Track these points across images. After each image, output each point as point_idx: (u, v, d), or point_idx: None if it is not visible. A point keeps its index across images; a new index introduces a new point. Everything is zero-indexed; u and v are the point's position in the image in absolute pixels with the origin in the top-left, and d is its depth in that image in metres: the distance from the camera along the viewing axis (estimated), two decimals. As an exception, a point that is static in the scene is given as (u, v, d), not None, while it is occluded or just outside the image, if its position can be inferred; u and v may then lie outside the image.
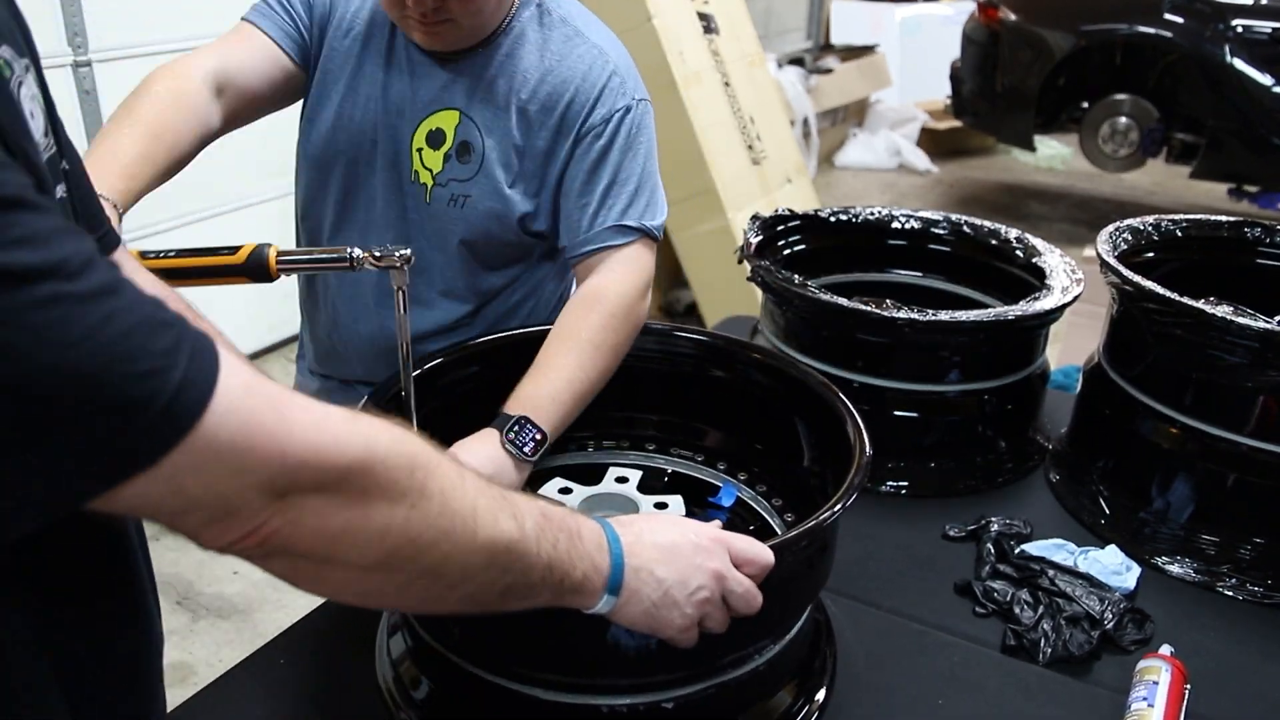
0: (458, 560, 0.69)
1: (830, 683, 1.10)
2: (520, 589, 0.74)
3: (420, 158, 1.32)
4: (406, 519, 0.64)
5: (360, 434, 0.62)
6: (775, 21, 6.77)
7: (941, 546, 1.40)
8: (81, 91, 2.71)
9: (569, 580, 0.76)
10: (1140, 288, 1.38)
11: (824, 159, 6.46)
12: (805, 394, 1.20)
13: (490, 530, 0.69)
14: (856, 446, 1.05)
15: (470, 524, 0.68)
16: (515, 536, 0.71)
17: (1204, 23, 4.70)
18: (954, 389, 1.53)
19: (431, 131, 1.32)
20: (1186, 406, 1.38)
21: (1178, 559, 1.37)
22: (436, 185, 1.33)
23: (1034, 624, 1.21)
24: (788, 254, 1.78)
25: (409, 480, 0.64)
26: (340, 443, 0.61)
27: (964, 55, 5.63)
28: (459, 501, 0.68)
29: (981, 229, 1.80)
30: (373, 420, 0.65)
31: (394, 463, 0.64)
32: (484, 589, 0.72)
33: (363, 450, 0.62)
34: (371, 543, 0.63)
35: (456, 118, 1.31)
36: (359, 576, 0.65)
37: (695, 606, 0.83)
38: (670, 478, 1.28)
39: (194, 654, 2.37)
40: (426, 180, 1.33)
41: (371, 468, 0.62)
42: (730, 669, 0.97)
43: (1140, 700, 1.06)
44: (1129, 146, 5.17)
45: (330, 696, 1.08)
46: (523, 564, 0.72)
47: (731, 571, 0.84)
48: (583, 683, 0.94)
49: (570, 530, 0.77)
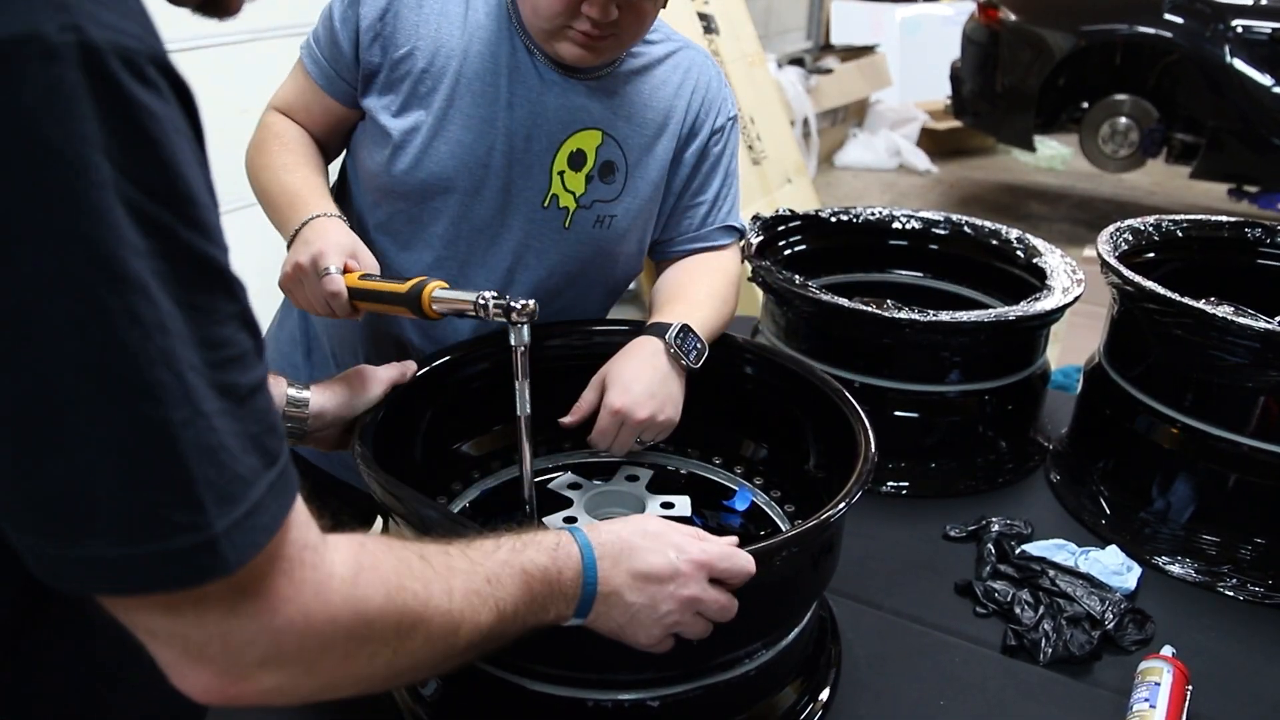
0: (439, 667, 0.71)
1: (835, 682, 1.10)
2: (494, 648, 0.75)
3: (562, 180, 1.26)
4: (389, 663, 0.65)
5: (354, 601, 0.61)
6: (775, 21, 6.77)
7: (942, 547, 1.40)
8: (81, 92, 2.70)
9: (542, 622, 0.78)
10: (1141, 288, 1.38)
11: (824, 159, 6.46)
12: (817, 397, 1.19)
13: (471, 633, 0.70)
14: (861, 456, 1.04)
15: (452, 642, 0.69)
16: (493, 624, 0.72)
17: (1204, 23, 4.70)
18: (954, 389, 1.53)
19: (573, 153, 1.26)
20: (1187, 407, 1.38)
21: (1178, 559, 1.37)
22: (580, 208, 1.27)
23: (1034, 624, 1.21)
24: (788, 254, 1.78)
25: (395, 636, 0.65)
26: (334, 616, 0.60)
27: (964, 55, 5.63)
28: (441, 632, 0.68)
29: (982, 229, 1.80)
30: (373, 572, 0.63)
31: (382, 625, 0.63)
32: (463, 660, 0.73)
33: (351, 620, 0.61)
34: (350, 687, 0.64)
35: (599, 138, 1.26)
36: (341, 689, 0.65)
37: (663, 628, 0.84)
38: (684, 479, 1.27)
39: (194, 654, 2.36)
40: (568, 203, 1.26)
41: (356, 631, 0.62)
42: (733, 666, 0.97)
43: (1142, 701, 1.06)
44: (1129, 147, 5.17)
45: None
46: (503, 638, 0.74)
47: (707, 593, 0.84)
48: (594, 678, 0.94)
49: (548, 573, 0.78)
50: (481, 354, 1.24)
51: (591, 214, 1.27)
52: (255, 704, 0.59)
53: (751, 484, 1.25)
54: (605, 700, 0.94)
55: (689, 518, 1.17)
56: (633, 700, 0.94)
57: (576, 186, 1.26)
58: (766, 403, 1.27)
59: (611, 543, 0.84)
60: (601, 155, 1.26)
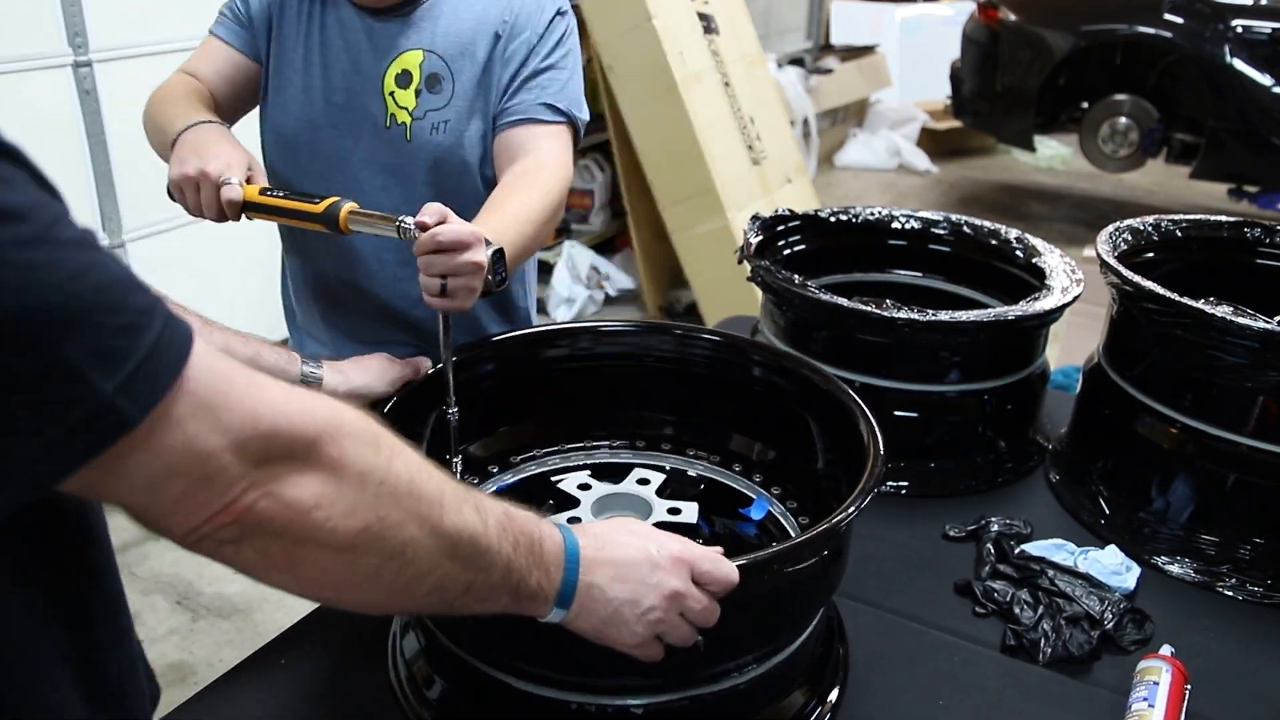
0: (424, 545, 0.69)
1: (843, 684, 1.10)
2: (481, 588, 0.74)
3: (394, 100, 1.40)
4: (376, 495, 0.65)
5: (327, 406, 0.64)
6: (775, 21, 6.77)
7: (941, 546, 1.40)
8: (81, 91, 2.71)
9: (525, 586, 0.77)
10: (1140, 288, 1.38)
11: (824, 159, 6.46)
12: (825, 400, 1.19)
13: (455, 518, 0.70)
14: (871, 460, 1.03)
15: (436, 509, 0.69)
16: (478, 529, 0.72)
17: (1204, 23, 4.70)
18: (954, 389, 1.53)
19: (399, 74, 1.40)
20: (1186, 406, 1.38)
21: (1178, 559, 1.37)
22: (415, 120, 1.40)
23: (1034, 624, 1.21)
24: (788, 254, 1.78)
25: (376, 456, 0.65)
26: (309, 411, 0.62)
27: (964, 55, 5.63)
28: (425, 485, 0.69)
29: (981, 229, 1.80)
30: (336, 400, 0.66)
31: (361, 437, 0.65)
32: (449, 582, 0.72)
33: (331, 420, 0.63)
34: (344, 518, 0.64)
35: (420, 56, 1.40)
36: (331, 560, 0.65)
37: (646, 626, 0.82)
38: (702, 485, 1.27)
39: (194, 654, 2.37)
40: (404, 119, 1.40)
41: (339, 438, 0.63)
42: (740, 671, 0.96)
43: (1141, 700, 1.06)
44: (1129, 146, 5.17)
45: (333, 696, 1.08)
46: (484, 559, 0.73)
47: (690, 589, 0.83)
48: (599, 684, 0.93)
49: (531, 536, 0.78)
50: (487, 355, 1.25)
51: (426, 124, 1.41)
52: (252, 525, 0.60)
53: (770, 493, 1.25)
54: (598, 705, 0.93)
55: (696, 525, 1.16)
56: (638, 705, 0.93)
57: (408, 102, 1.41)
58: (775, 405, 1.26)
59: (594, 534, 0.84)
60: (425, 70, 1.40)
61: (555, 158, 1.39)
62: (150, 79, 1.46)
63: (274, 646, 1.14)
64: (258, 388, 0.60)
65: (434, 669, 1.04)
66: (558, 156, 1.39)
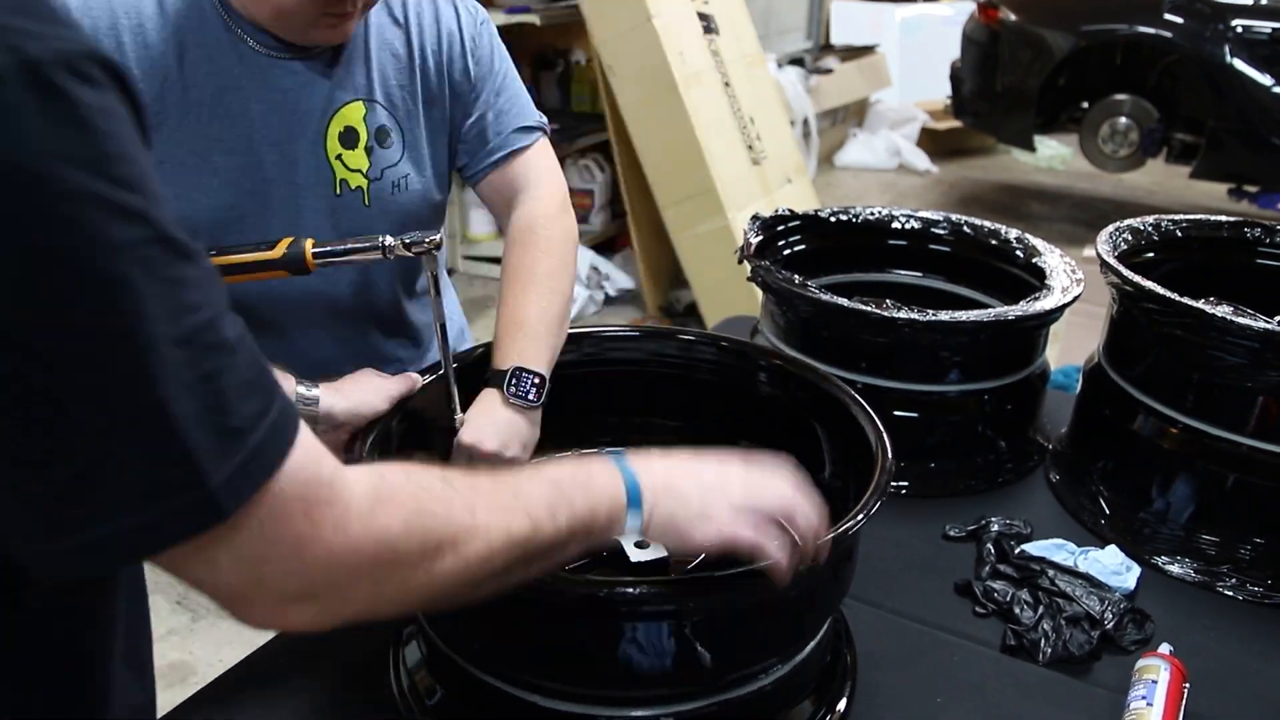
0: (481, 583, 0.71)
1: (851, 692, 1.09)
2: (545, 560, 0.75)
3: (343, 163, 1.21)
4: (425, 584, 0.67)
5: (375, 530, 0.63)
6: (775, 21, 6.77)
7: (941, 546, 1.40)
8: (82, 91, 2.71)
9: (596, 525, 0.77)
10: (1140, 288, 1.38)
11: (824, 159, 6.46)
12: (833, 405, 1.18)
13: (505, 543, 0.70)
14: (879, 466, 1.03)
15: (487, 556, 0.69)
16: (529, 531, 0.72)
17: (1204, 23, 4.70)
18: (954, 389, 1.53)
19: (342, 132, 1.20)
20: (1186, 406, 1.38)
21: (1178, 559, 1.37)
22: (373, 182, 1.23)
23: (1034, 624, 1.21)
24: (788, 254, 1.78)
25: (422, 557, 0.66)
26: (356, 547, 0.62)
27: (964, 55, 5.63)
28: (470, 547, 0.69)
29: (981, 229, 1.80)
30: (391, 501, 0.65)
31: (406, 548, 0.65)
32: (512, 576, 0.73)
33: (375, 548, 0.63)
34: (390, 607, 0.68)
35: (362, 109, 1.21)
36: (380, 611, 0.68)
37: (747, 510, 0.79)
38: None
39: (194, 654, 2.37)
40: (360, 183, 1.22)
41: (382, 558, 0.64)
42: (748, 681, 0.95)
43: (1139, 699, 1.06)
44: (1129, 146, 5.17)
45: (334, 698, 1.07)
46: (542, 547, 0.73)
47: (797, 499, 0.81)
48: (605, 694, 0.92)
49: (581, 482, 0.77)
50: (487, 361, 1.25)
51: (385, 183, 1.24)
52: (303, 630, 0.66)
53: None
54: (620, 717, 0.93)
55: None
56: (648, 716, 0.92)
57: (360, 163, 1.22)
58: (781, 411, 1.26)
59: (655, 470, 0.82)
60: (370, 124, 1.22)
61: (550, 175, 1.33)
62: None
63: (274, 647, 1.14)
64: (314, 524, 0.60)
65: (436, 678, 1.04)
66: (551, 173, 1.33)
